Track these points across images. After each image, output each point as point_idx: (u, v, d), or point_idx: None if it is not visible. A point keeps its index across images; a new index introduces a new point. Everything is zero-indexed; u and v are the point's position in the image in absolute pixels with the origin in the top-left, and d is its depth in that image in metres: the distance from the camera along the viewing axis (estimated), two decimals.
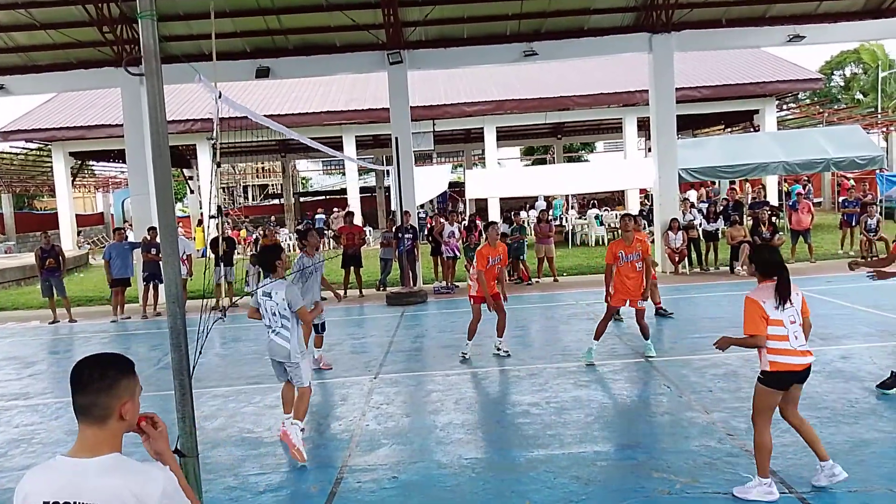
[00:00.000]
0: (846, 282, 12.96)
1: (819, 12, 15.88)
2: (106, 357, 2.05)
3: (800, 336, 4.45)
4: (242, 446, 6.10)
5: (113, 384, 1.99)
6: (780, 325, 4.40)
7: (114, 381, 1.99)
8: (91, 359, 2.04)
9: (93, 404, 1.96)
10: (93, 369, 2.00)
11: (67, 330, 13.21)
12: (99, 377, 1.98)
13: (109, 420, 1.98)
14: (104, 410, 1.97)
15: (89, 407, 1.96)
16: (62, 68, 15.98)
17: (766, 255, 4.65)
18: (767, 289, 4.48)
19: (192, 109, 26.06)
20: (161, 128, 3.68)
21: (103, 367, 2.01)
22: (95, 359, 2.03)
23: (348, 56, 15.81)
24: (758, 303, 4.43)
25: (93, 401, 1.96)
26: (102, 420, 1.97)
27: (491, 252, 8.66)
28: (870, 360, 7.54)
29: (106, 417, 1.97)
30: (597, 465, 5.21)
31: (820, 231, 19.66)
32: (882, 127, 31.22)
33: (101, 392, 1.97)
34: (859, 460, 4.99)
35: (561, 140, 38.77)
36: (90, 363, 2.02)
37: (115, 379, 2.00)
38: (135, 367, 2.10)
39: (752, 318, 4.44)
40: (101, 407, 1.96)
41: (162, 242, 3.82)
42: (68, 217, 28.71)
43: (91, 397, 1.96)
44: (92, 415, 1.96)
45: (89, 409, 1.96)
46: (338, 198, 39.12)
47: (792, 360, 4.40)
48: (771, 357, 4.42)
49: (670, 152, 15.93)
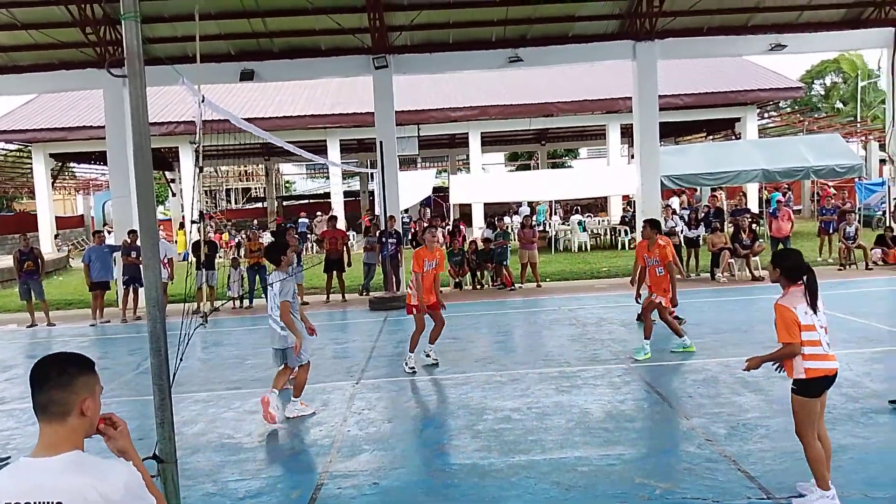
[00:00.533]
0: (824, 289, 13.07)
1: (800, 22, 16.11)
2: (64, 355, 2.05)
3: (828, 340, 4.37)
4: (222, 452, 6.05)
5: (71, 380, 1.99)
6: (813, 329, 4.29)
7: (72, 378, 2.00)
8: (49, 357, 2.04)
9: (51, 401, 1.96)
10: (50, 367, 2.00)
11: (46, 334, 13.06)
12: (57, 374, 1.98)
13: (69, 417, 1.97)
14: (63, 407, 1.96)
15: (48, 404, 1.96)
16: (44, 69, 15.83)
17: (793, 259, 4.48)
18: (797, 294, 4.36)
19: (175, 112, 25.90)
20: (143, 130, 3.65)
21: (61, 365, 2.01)
22: (54, 357, 2.04)
23: (333, 60, 15.80)
24: (790, 309, 4.31)
25: (51, 398, 1.96)
26: (62, 417, 1.96)
27: (427, 255, 8.38)
28: (847, 366, 7.62)
29: (65, 414, 1.96)
30: (577, 471, 5.22)
31: (800, 238, 19.86)
32: (861, 136, 31.67)
33: (60, 388, 1.96)
34: (837, 466, 5.03)
35: (545, 146, 38.98)
36: (48, 361, 2.02)
37: (73, 375, 2.00)
38: (95, 366, 2.09)
39: (786, 326, 4.29)
40: (59, 403, 1.96)
41: (142, 245, 3.78)
42: (48, 219, 28.40)
43: (49, 394, 1.96)
44: (51, 412, 1.96)
45: (48, 406, 1.96)
46: (321, 202, 39.02)
47: (826, 364, 4.31)
48: (807, 364, 4.29)
49: (653, 159, 16.05)
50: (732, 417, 6.18)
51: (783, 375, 4.57)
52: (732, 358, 8.08)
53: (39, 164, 27.91)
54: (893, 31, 16.00)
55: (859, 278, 14.26)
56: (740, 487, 4.79)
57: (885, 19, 16.01)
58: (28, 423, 7.23)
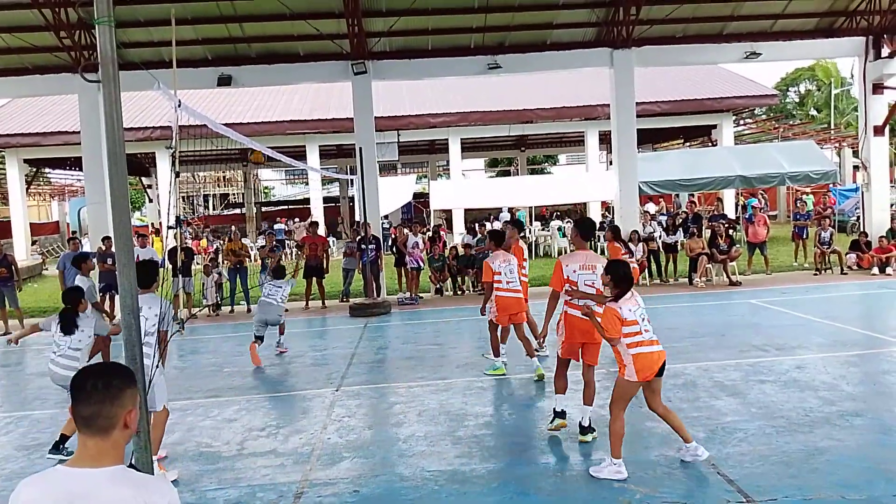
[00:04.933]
0: (801, 293, 13.30)
1: (774, 30, 16.34)
2: (108, 366, 2.07)
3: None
4: (200, 461, 5.98)
5: (119, 394, 2.00)
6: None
7: (119, 391, 2.00)
8: (94, 368, 2.05)
9: (97, 414, 1.95)
10: (97, 379, 1.99)
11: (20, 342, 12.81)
12: (104, 387, 1.98)
13: (114, 430, 1.98)
14: (109, 420, 1.97)
15: (93, 417, 1.95)
16: (17, 73, 15.57)
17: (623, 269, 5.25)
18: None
19: (152, 117, 25.63)
20: (118, 135, 3.61)
21: (107, 377, 2.01)
22: (99, 368, 2.05)
23: (312, 65, 15.72)
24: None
25: (97, 411, 1.95)
26: (107, 431, 1.96)
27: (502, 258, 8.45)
28: (824, 369, 7.72)
29: (111, 428, 1.97)
30: (559, 476, 5.23)
31: (776, 243, 20.12)
32: (835, 143, 32.19)
33: (107, 402, 1.97)
34: (813, 468, 5.10)
35: (524, 152, 39.14)
36: (94, 373, 2.02)
37: (120, 389, 2.01)
38: (135, 377, 2.11)
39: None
40: (105, 417, 1.96)
41: (117, 252, 3.73)
42: (22, 225, 27.95)
43: (95, 407, 1.96)
44: (96, 425, 1.95)
45: (93, 419, 1.95)
46: (300, 207, 38.82)
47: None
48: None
49: (631, 165, 16.17)
50: (711, 421, 6.23)
51: (760, 380, 4.64)
52: (710, 362, 8.14)
53: (13, 169, 27.49)
54: (864, 41, 16.28)
55: (834, 283, 14.45)
56: (720, 491, 4.82)
57: (856, 29, 16.29)
58: (1, 433, 7.10)
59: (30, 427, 7.23)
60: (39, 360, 10.31)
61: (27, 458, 6.29)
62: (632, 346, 5.04)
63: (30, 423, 7.35)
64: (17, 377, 10.21)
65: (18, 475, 5.63)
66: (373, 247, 14.38)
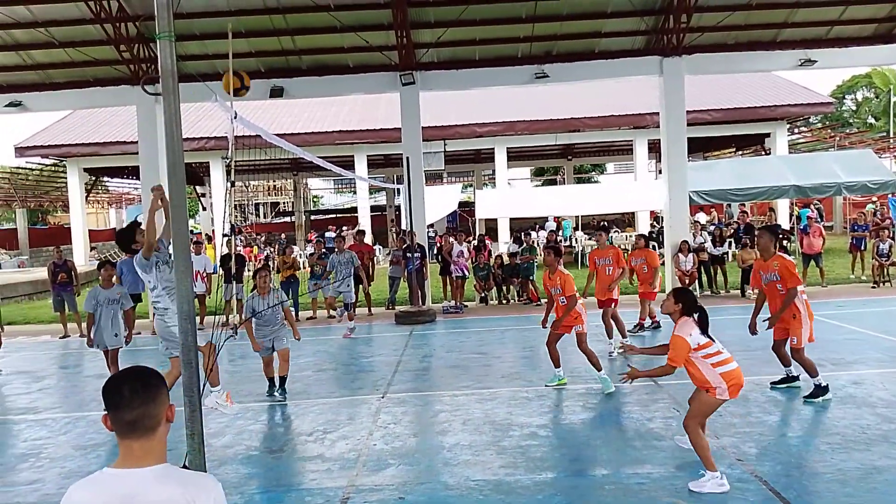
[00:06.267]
0: (857, 306, 12.89)
1: (830, 37, 15.92)
2: (140, 370, 2.11)
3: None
4: (249, 464, 6.09)
5: (158, 393, 2.06)
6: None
7: (158, 390, 2.07)
8: (125, 375, 2.09)
9: (143, 416, 2.01)
10: (134, 382, 2.05)
11: (78, 345, 13.25)
12: (143, 389, 2.04)
13: (159, 428, 2.04)
14: (155, 419, 2.03)
15: (139, 420, 2.01)
16: (78, 86, 16.18)
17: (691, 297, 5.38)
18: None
19: (206, 127, 26.30)
20: (177, 146, 3.72)
21: (144, 380, 2.07)
22: (130, 373, 2.09)
23: (361, 77, 15.95)
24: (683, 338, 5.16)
25: (143, 413, 2.01)
26: (153, 430, 2.03)
27: (598, 254, 10.02)
28: (882, 385, 7.47)
29: (156, 426, 2.04)
30: (604, 489, 5.17)
31: (831, 255, 19.55)
32: (894, 151, 31.14)
33: (150, 403, 2.03)
34: (871, 487, 4.93)
35: (571, 161, 38.86)
36: (129, 378, 2.07)
37: (158, 388, 2.08)
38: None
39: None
40: (151, 417, 2.03)
41: (175, 259, 3.83)
42: (81, 232, 28.91)
43: (140, 410, 2.01)
44: (143, 426, 2.01)
45: (139, 422, 2.01)
46: (348, 216, 39.26)
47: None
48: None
49: (681, 174, 15.92)
50: (763, 437, 6.09)
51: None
52: (763, 377, 7.95)
53: (74, 178, 28.47)
54: None
55: (893, 296, 13.97)
56: None
57: None
58: (60, 432, 7.36)
59: (87, 427, 7.46)
60: (96, 363, 10.65)
61: (84, 457, 6.50)
62: (716, 365, 5.06)
63: (87, 424, 7.59)
64: (75, 379, 10.58)
65: (76, 474, 5.83)
66: (418, 255, 14.46)
